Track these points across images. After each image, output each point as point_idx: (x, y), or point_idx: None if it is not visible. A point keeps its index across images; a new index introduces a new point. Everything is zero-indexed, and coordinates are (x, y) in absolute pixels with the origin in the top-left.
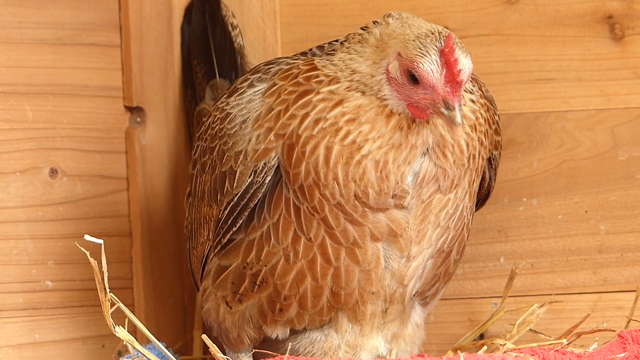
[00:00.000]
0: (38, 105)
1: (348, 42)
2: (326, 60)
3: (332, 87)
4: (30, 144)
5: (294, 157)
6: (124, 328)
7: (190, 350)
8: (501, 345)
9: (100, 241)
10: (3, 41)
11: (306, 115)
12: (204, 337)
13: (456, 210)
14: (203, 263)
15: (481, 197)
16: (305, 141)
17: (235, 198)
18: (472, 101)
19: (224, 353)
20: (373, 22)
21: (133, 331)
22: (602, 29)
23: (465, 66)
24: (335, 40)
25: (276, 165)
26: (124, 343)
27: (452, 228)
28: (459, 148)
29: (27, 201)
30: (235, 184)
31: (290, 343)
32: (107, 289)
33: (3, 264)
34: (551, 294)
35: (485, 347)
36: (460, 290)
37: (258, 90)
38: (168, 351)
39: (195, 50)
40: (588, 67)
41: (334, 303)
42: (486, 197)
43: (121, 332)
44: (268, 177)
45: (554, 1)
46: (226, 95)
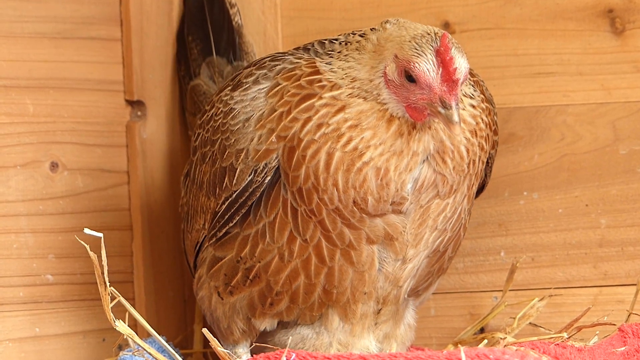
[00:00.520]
0: (39, 99)
1: (346, 49)
2: (326, 64)
3: (335, 93)
4: (31, 138)
5: (294, 160)
6: (125, 322)
7: (190, 344)
8: (502, 339)
9: (99, 235)
10: (4, 35)
11: (308, 119)
12: (205, 331)
13: (454, 213)
14: (197, 248)
15: (475, 192)
16: (306, 145)
17: (233, 195)
18: (473, 106)
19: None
20: (370, 29)
21: (133, 325)
22: (603, 23)
23: (461, 65)
24: (335, 39)
25: (276, 166)
26: (125, 337)
27: (450, 230)
28: (459, 154)
29: (28, 195)
30: (234, 181)
31: (280, 337)
32: (107, 283)
33: (4, 258)
34: (552, 288)
35: (485, 341)
36: (460, 284)
37: (262, 88)
38: (168, 345)
39: (191, 26)
40: (589, 61)
41: (326, 300)
42: (480, 191)
43: (121, 326)
44: (268, 178)
45: None
46: (230, 87)
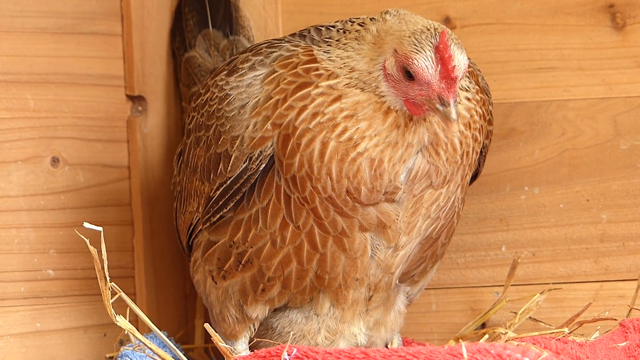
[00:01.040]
0: (39, 94)
1: (345, 38)
2: (324, 52)
3: (331, 82)
4: (31, 133)
5: (289, 148)
6: (126, 317)
7: (191, 339)
8: (503, 334)
9: (99, 229)
10: (5, 30)
11: (304, 107)
12: (206, 326)
13: (447, 202)
14: (190, 230)
15: (469, 180)
16: (301, 133)
17: (228, 181)
18: (468, 99)
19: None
20: (370, 19)
21: (134, 320)
22: (604, 18)
23: (460, 62)
24: (332, 25)
25: (271, 154)
26: (126, 332)
27: (443, 218)
28: (452, 147)
29: (29, 190)
30: (229, 168)
31: (268, 319)
32: (107, 278)
33: (5, 253)
34: (553, 283)
35: (487, 336)
36: (462, 279)
37: (258, 75)
38: (169, 340)
39: None
40: (589, 56)
41: (317, 284)
42: (474, 179)
43: (122, 322)
44: (263, 165)
45: None
46: (226, 72)
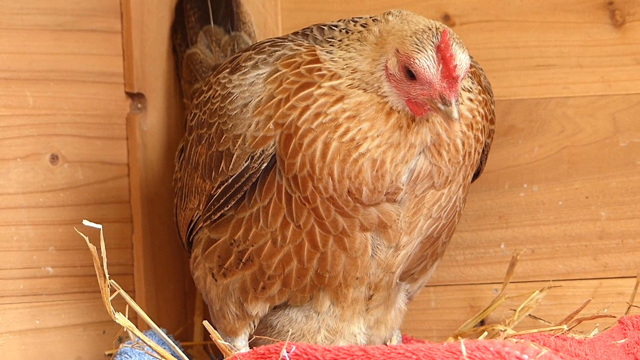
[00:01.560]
0: (39, 91)
1: (347, 39)
2: (327, 53)
3: (334, 83)
4: (31, 130)
5: (291, 148)
6: (125, 314)
7: (191, 336)
8: (502, 331)
9: (98, 226)
10: (4, 27)
11: (306, 107)
12: (205, 323)
13: (449, 202)
14: (190, 227)
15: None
16: (303, 133)
17: (229, 180)
18: (470, 99)
19: None
20: (372, 20)
21: (134, 317)
22: (603, 15)
23: (461, 61)
24: (334, 25)
25: (273, 153)
26: (125, 329)
27: (444, 218)
28: (455, 147)
29: (28, 187)
30: (231, 166)
31: (267, 317)
32: (107, 275)
33: (4, 250)
34: (552, 280)
35: (485, 333)
36: (461, 276)
37: (261, 74)
38: (168, 337)
39: None
40: (589, 54)
41: (318, 283)
42: (475, 177)
43: (121, 319)
44: (264, 164)
45: None
46: (229, 70)
